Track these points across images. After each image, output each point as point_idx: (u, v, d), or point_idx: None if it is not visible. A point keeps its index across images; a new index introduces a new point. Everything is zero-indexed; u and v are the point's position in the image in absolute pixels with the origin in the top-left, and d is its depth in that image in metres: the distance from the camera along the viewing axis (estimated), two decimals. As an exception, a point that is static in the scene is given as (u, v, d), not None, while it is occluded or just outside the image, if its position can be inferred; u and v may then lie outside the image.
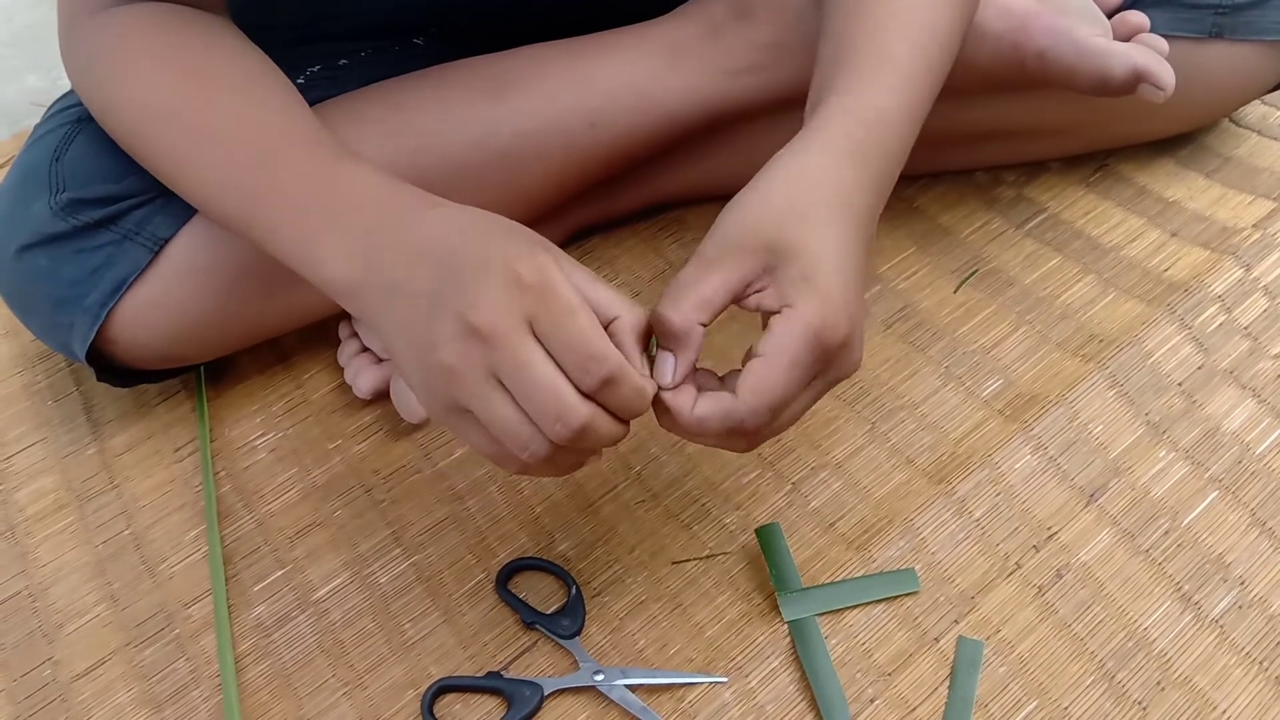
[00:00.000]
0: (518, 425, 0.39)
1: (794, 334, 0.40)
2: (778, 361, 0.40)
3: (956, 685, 0.48)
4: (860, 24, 0.47)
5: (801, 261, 0.40)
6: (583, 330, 0.38)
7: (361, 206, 0.45)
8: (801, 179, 0.43)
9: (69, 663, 0.53)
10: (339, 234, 0.44)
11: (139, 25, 0.53)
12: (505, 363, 0.38)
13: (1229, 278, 0.63)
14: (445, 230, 0.42)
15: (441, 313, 0.39)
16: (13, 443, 0.64)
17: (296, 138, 0.49)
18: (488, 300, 0.38)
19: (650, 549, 0.54)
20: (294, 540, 0.57)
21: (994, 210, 0.70)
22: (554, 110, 0.61)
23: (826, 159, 0.43)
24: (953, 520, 0.54)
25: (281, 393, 0.65)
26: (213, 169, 0.49)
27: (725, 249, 0.41)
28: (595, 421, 0.39)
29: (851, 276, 0.42)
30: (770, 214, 0.41)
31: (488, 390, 0.39)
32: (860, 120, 0.44)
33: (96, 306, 0.56)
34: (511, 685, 0.49)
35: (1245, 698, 0.47)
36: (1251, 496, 0.54)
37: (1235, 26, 0.63)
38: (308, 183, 0.46)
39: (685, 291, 0.41)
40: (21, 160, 0.60)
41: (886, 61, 0.46)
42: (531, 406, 0.38)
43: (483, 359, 0.38)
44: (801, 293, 0.40)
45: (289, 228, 0.46)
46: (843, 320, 0.40)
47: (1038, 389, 0.59)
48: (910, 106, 0.46)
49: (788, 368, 0.40)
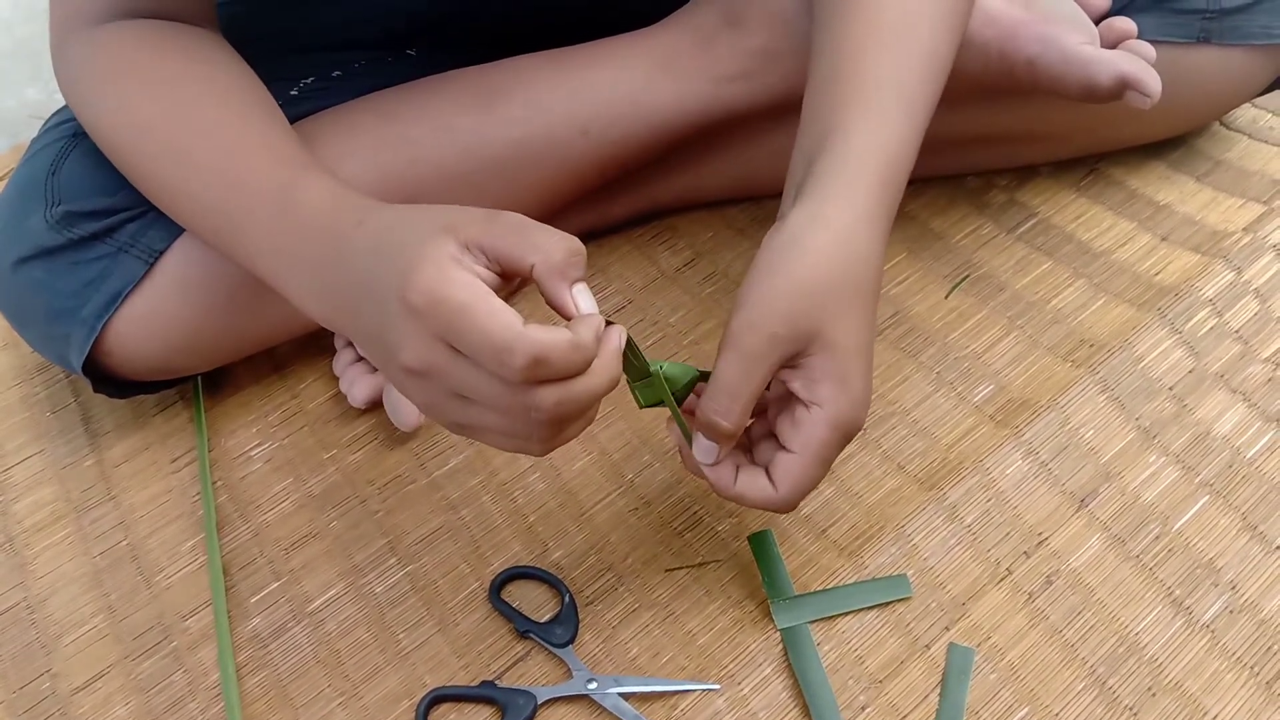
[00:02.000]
0: (508, 424, 0.39)
1: (824, 437, 0.43)
2: (810, 460, 0.43)
3: (947, 692, 0.48)
4: (862, 50, 0.47)
5: (837, 359, 0.42)
6: (481, 329, 0.36)
7: (310, 237, 0.45)
8: (841, 254, 0.43)
9: (67, 675, 0.53)
10: (300, 271, 0.45)
11: (122, 43, 0.54)
12: (455, 386, 0.38)
13: (1220, 281, 0.63)
14: (367, 259, 0.41)
15: (386, 356, 0.40)
16: (11, 454, 0.65)
17: (262, 160, 0.49)
18: (405, 341, 0.38)
19: (643, 557, 0.55)
20: (290, 551, 0.57)
21: (985, 215, 0.71)
22: (546, 119, 0.61)
23: (859, 219, 0.43)
24: (944, 526, 0.54)
25: (277, 402, 0.65)
26: (187, 192, 0.50)
27: (764, 342, 0.42)
28: (564, 396, 0.38)
29: (870, 359, 0.44)
30: (812, 297, 0.42)
31: (464, 408, 0.39)
32: (880, 165, 0.44)
33: (92, 319, 0.57)
34: (505, 694, 0.49)
35: (1236, 703, 0.47)
36: (1242, 501, 0.54)
37: (1223, 31, 0.63)
38: (271, 218, 0.46)
39: (733, 399, 0.43)
40: (19, 174, 0.61)
41: (895, 94, 0.46)
42: (504, 413, 0.38)
43: (439, 389, 0.39)
44: (834, 394, 0.42)
45: (259, 262, 0.47)
46: (863, 413, 0.44)
47: (1029, 394, 0.60)
48: (916, 137, 0.47)
49: (819, 464, 0.43)
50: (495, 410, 0.38)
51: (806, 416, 0.43)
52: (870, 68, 0.46)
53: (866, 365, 0.43)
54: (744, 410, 0.43)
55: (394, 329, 0.38)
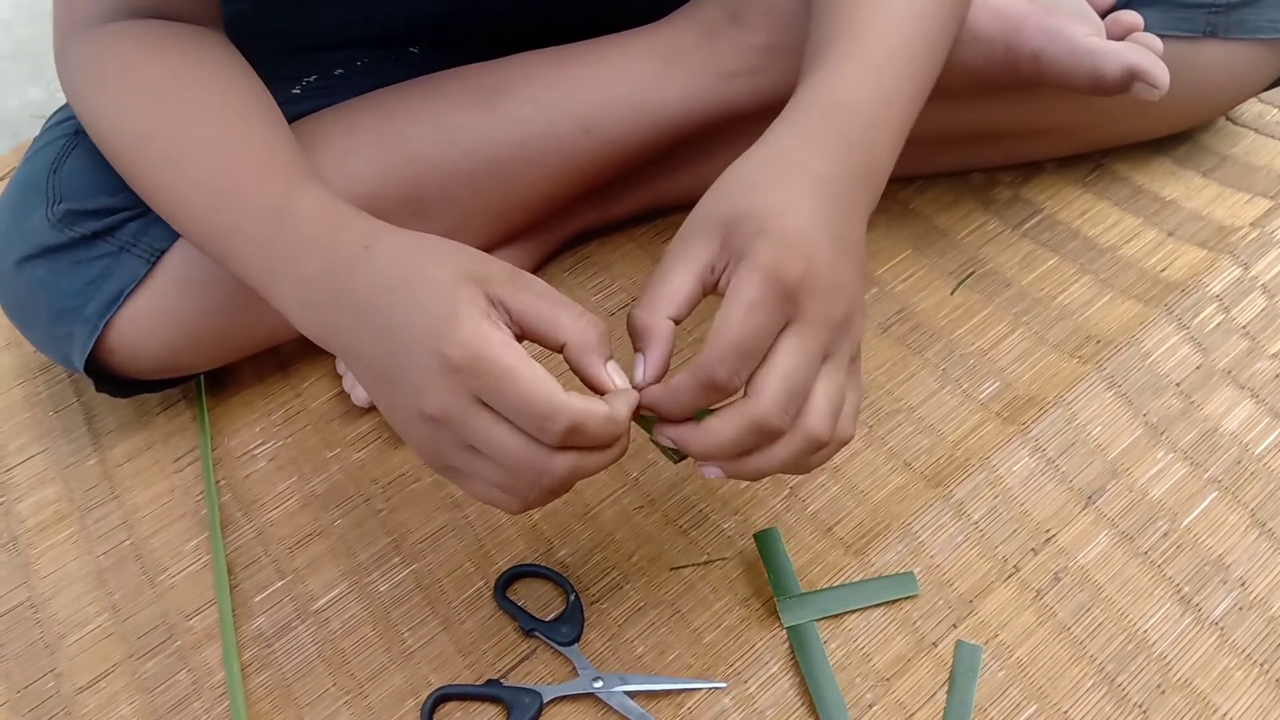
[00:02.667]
0: (508, 480, 0.39)
1: (746, 278, 0.38)
2: (734, 305, 0.38)
3: (955, 690, 0.48)
4: (840, 20, 0.47)
5: (754, 220, 0.39)
6: (525, 394, 0.37)
7: (305, 253, 0.44)
8: (762, 158, 0.42)
9: (71, 675, 0.53)
10: (292, 285, 0.45)
11: (124, 45, 0.53)
12: (471, 438, 0.39)
13: (1227, 277, 0.63)
14: (376, 289, 0.41)
15: (399, 396, 0.40)
16: (14, 454, 0.65)
17: (256, 170, 0.48)
18: (431, 390, 0.38)
19: (648, 555, 0.55)
20: (294, 550, 0.57)
21: (990, 211, 0.70)
22: (548, 117, 0.61)
23: (788, 139, 0.43)
24: (951, 523, 0.54)
25: (281, 401, 0.65)
26: (181, 199, 0.50)
27: (686, 237, 0.41)
28: (578, 465, 0.39)
29: (818, 224, 0.40)
30: (725, 192, 0.41)
31: (468, 458, 0.40)
32: (827, 104, 0.44)
33: (94, 318, 0.57)
34: (511, 693, 0.49)
35: (1246, 700, 0.47)
36: (1251, 497, 0.53)
37: (1229, 25, 0.63)
38: (263, 230, 0.46)
39: (651, 290, 0.40)
40: (20, 172, 0.61)
41: (858, 51, 0.46)
42: (511, 471, 0.39)
43: (450, 438, 0.39)
44: (755, 243, 0.39)
45: (253, 274, 0.47)
46: (798, 256, 0.38)
47: (1035, 390, 0.59)
48: (890, 98, 0.45)
49: (746, 309, 0.38)
50: (504, 467, 0.39)
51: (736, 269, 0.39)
52: (837, 37, 0.46)
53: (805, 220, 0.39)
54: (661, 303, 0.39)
55: (417, 374, 0.39)
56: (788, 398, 0.38)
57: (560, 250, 0.71)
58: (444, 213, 0.61)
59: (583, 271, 0.70)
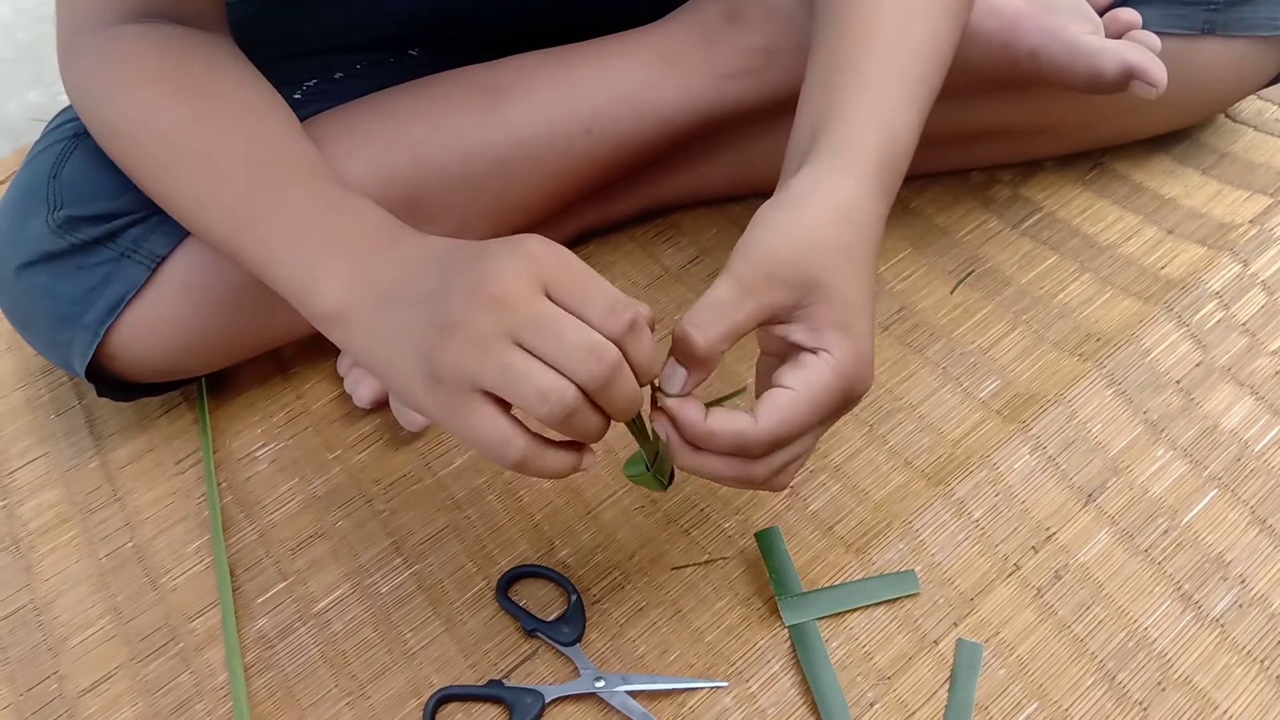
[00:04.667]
0: (541, 373, 0.37)
1: (827, 382, 0.41)
2: (805, 399, 0.40)
3: (956, 688, 0.48)
4: (861, 36, 0.47)
5: (839, 307, 0.41)
6: (602, 285, 0.38)
7: (360, 231, 0.45)
8: (841, 214, 0.42)
9: (74, 677, 0.53)
10: (335, 258, 0.44)
11: (139, 46, 0.53)
12: (527, 320, 0.37)
13: (1226, 273, 0.63)
14: (444, 243, 0.43)
15: (450, 296, 0.38)
16: (16, 457, 0.65)
17: (294, 164, 0.49)
18: (500, 271, 0.37)
19: (649, 555, 0.55)
20: (295, 551, 0.57)
21: (990, 210, 0.70)
22: (548, 118, 0.61)
23: (859, 191, 0.43)
24: (952, 521, 0.54)
25: (282, 403, 0.65)
26: (208, 192, 0.50)
27: (761, 277, 0.41)
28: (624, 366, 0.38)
29: (872, 329, 0.43)
30: (813, 249, 0.41)
31: (508, 351, 0.37)
32: (881, 145, 0.44)
33: (95, 324, 0.57)
34: (513, 693, 0.49)
35: (1247, 697, 0.47)
36: (1251, 494, 0.53)
37: (1227, 23, 0.63)
38: (306, 209, 0.47)
39: (717, 318, 0.40)
40: (20, 176, 0.61)
41: (895, 78, 0.46)
42: (560, 348, 0.37)
43: (501, 323, 0.37)
44: (838, 342, 0.41)
45: (284, 251, 0.46)
46: (869, 375, 0.42)
47: (1035, 388, 0.59)
48: (916, 124, 0.46)
49: (812, 407, 0.40)
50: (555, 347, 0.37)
51: (813, 360, 0.41)
52: (871, 54, 0.46)
53: (869, 328, 0.42)
54: (721, 335, 0.40)
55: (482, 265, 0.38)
56: (787, 468, 0.43)
57: (560, 251, 0.71)
58: (445, 214, 0.61)
59: (583, 272, 0.71)
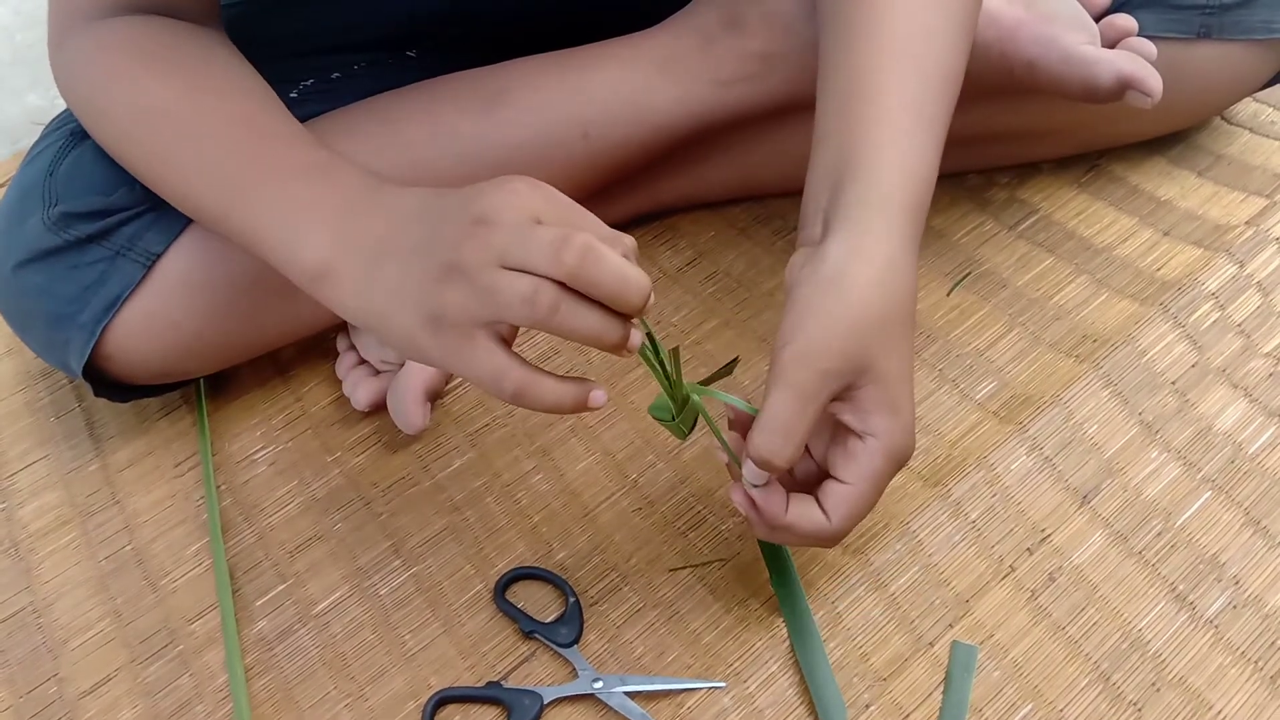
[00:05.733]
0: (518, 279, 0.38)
1: (879, 468, 0.43)
2: (867, 489, 0.44)
3: (951, 690, 0.48)
4: (876, 68, 0.46)
5: (887, 388, 0.42)
6: (589, 217, 0.40)
7: (344, 189, 0.46)
8: (882, 282, 0.43)
9: (74, 679, 0.54)
10: (319, 217, 0.45)
11: (129, 34, 0.54)
12: (513, 238, 0.38)
13: (1222, 274, 0.63)
14: (425, 193, 0.44)
15: (443, 243, 0.40)
16: (16, 460, 0.65)
17: (279, 134, 0.50)
18: (491, 201, 0.39)
19: (647, 557, 0.55)
20: (294, 554, 0.57)
21: (986, 212, 0.71)
22: (547, 122, 0.61)
23: (896, 247, 0.43)
24: (949, 522, 0.54)
25: (281, 406, 0.66)
26: (197, 163, 0.50)
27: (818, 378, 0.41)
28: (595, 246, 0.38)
29: (912, 385, 0.44)
30: (860, 334, 0.42)
31: (494, 274, 0.38)
32: (910, 192, 0.45)
33: (91, 323, 0.57)
34: (511, 695, 0.49)
35: (1241, 697, 0.47)
36: (1245, 496, 0.54)
37: (1223, 26, 0.63)
38: (291, 175, 0.47)
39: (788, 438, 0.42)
40: (19, 178, 0.61)
41: (920, 117, 0.46)
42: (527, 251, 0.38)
43: (489, 246, 0.38)
44: (886, 423, 0.43)
45: (270, 215, 0.47)
46: (913, 441, 0.44)
47: (1032, 390, 0.60)
48: (937, 155, 0.47)
49: (874, 493, 0.44)
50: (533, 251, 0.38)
51: (861, 447, 0.43)
52: (888, 88, 0.46)
53: (911, 392, 0.44)
54: (797, 448, 0.42)
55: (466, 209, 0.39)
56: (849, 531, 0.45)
57: (558, 253, 0.71)
58: (442, 217, 0.61)
59: (581, 274, 0.71)
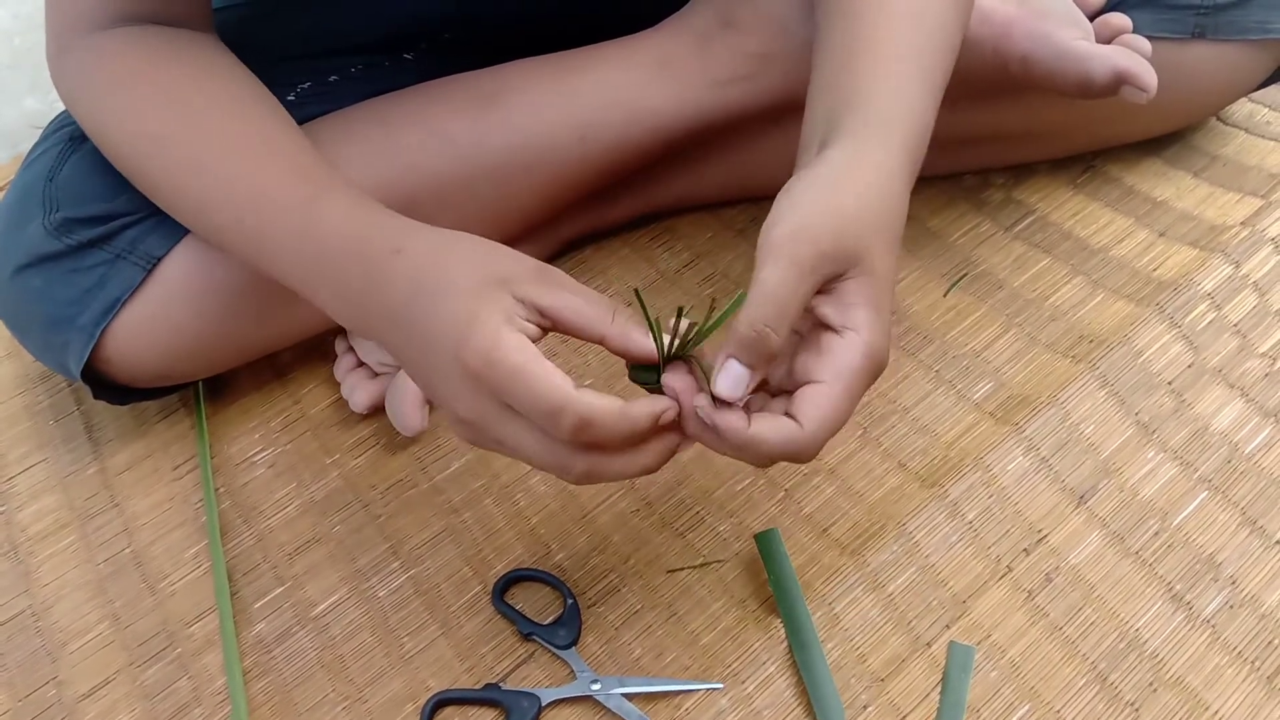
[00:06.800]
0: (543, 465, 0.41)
1: (859, 365, 0.40)
2: (843, 390, 0.39)
3: (948, 691, 0.48)
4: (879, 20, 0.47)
5: (874, 285, 0.40)
6: (533, 391, 0.38)
7: (336, 260, 0.46)
8: (881, 193, 0.41)
9: (73, 683, 0.54)
10: (326, 287, 0.47)
11: (126, 52, 0.54)
12: (498, 438, 0.41)
13: (1218, 275, 0.63)
14: (406, 295, 0.43)
15: (438, 395, 0.42)
16: (15, 463, 0.65)
17: (280, 173, 0.50)
18: (459, 396, 0.41)
19: (645, 558, 0.55)
20: (293, 556, 0.58)
21: (982, 213, 0.71)
22: (543, 124, 0.61)
23: (896, 172, 0.43)
24: (946, 523, 0.54)
25: (279, 408, 0.66)
26: (211, 207, 0.51)
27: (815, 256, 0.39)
28: (594, 468, 0.40)
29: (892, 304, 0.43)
30: (858, 223, 0.40)
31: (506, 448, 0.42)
32: (912, 128, 0.44)
33: (90, 326, 0.57)
34: (509, 696, 0.49)
35: (1238, 697, 0.47)
36: (1241, 496, 0.54)
37: (1217, 26, 0.63)
38: (294, 237, 0.48)
39: (782, 311, 0.38)
40: (18, 181, 0.61)
41: (917, 64, 0.46)
42: (537, 463, 0.41)
43: (483, 435, 0.42)
44: (868, 320, 0.40)
45: (289, 277, 0.48)
46: (887, 356, 0.41)
47: (1029, 390, 0.60)
48: (934, 109, 0.46)
49: (851, 397, 0.40)
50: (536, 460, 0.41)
51: (840, 343, 0.39)
52: (886, 40, 0.46)
53: (891, 300, 0.42)
54: (790, 325, 0.39)
55: (447, 381, 0.41)
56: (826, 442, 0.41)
57: (556, 256, 0.71)
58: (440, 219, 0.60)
59: (579, 277, 0.71)
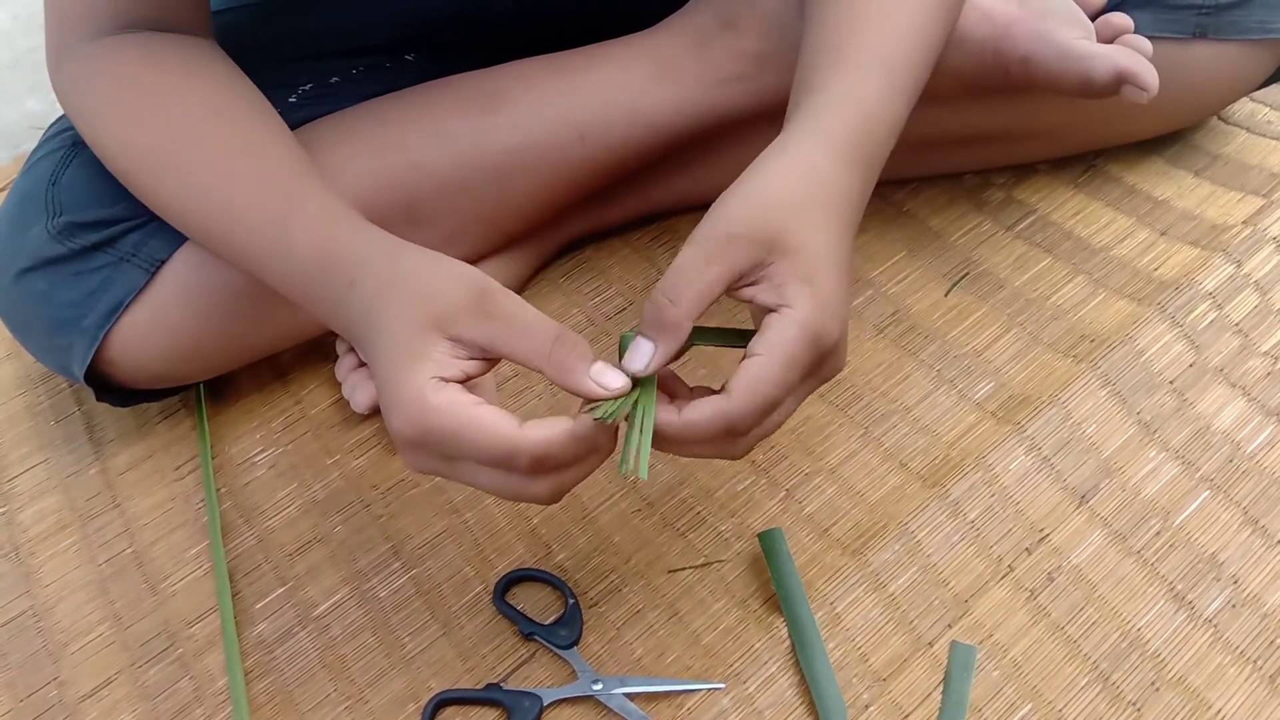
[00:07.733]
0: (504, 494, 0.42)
1: (792, 335, 0.40)
2: (775, 360, 0.40)
3: (950, 690, 0.48)
4: (847, 23, 0.48)
5: (801, 261, 0.41)
6: (480, 445, 0.39)
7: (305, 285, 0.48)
8: (803, 176, 0.43)
9: (74, 683, 0.54)
10: (304, 301, 0.48)
11: (122, 60, 0.54)
12: (457, 481, 0.42)
13: (1220, 274, 0.63)
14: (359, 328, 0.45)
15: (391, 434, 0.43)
16: (16, 464, 0.65)
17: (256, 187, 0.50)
18: (404, 453, 0.42)
19: (646, 558, 0.55)
20: (294, 556, 0.58)
21: (984, 213, 0.71)
22: (543, 124, 0.61)
23: (824, 157, 0.43)
24: (947, 523, 0.54)
25: (280, 409, 0.66)
26: (198, 217, 0.52)
27: (723, 238, 0.41)
28: (559, 485, 0.41)
29: (844, 279, 0.42)
30: (773, 207, 0.41)
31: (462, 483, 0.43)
32: (853, 118, 0.45)
33: (94, 328, 0.57)
34: (511, 697, 0.49)
35: (1240, 696, 0.47)
36: (1243, 495, 0.54)
37: (1219, 26, 0.63)
38: (270, 256, 0.49)
39: (686, 283, 0.40)
40: (19, 184, 0.61)
41: (876, 60, 0.46)
42: (501, 496, 0.42)
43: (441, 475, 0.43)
44: (800, 294, 0.40)
45: (273, 287, 0.50)
46: (836, 324, 0.41)
47: (1030, 390, 0.60)
48: (897, 108, 0.46)
49: (784, 367, 0.40)
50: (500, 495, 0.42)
51: (774, 318, 0.40)
52: (852, 40, 0.47)
53: (838, 277, 0.42)
54: (694, 301, 0.40)
55: (397, 434, 0.41)
56: (767, 432, 0.42)
57: (556, 256, 0.71)
58: (441, 220, 0.61)
59: (579, 276, 0.71)
